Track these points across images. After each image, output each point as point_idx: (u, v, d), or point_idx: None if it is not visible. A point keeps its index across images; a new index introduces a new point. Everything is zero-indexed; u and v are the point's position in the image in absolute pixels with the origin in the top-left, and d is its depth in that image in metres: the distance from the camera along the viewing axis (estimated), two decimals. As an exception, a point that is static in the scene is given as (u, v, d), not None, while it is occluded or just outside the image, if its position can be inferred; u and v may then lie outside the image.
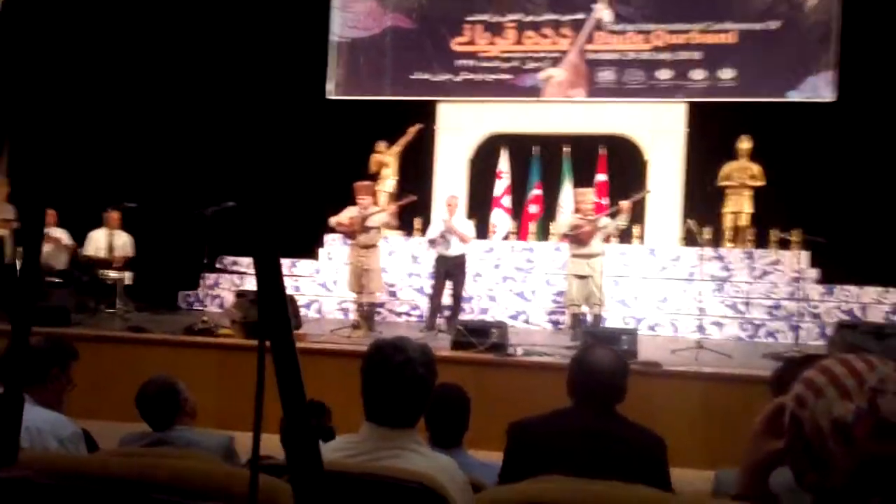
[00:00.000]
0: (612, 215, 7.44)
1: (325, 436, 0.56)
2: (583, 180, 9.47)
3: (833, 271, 8.79)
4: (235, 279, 9.43)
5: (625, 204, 7.26)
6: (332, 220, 7.46)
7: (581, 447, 2.04)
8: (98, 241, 8.54)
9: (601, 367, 2.21)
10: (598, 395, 2.20)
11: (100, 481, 1.43)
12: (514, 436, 2.21)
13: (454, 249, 7.54)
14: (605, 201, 9.47)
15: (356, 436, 1.78)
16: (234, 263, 9.84)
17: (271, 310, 0.61)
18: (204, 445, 2.68)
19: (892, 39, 9.14)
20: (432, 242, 7.69)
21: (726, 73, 9.81)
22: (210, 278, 9.37)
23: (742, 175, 9.34)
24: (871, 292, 8.53)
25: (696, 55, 9.88)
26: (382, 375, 1.74)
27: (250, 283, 9.25)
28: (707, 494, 2.20)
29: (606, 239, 7.63)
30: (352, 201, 7.57)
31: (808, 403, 0.98)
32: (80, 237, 8.61)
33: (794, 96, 9.67)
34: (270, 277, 0.60)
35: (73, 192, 9.18)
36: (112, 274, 8.30)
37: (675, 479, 3.61)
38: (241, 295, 6.29)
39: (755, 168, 9.31)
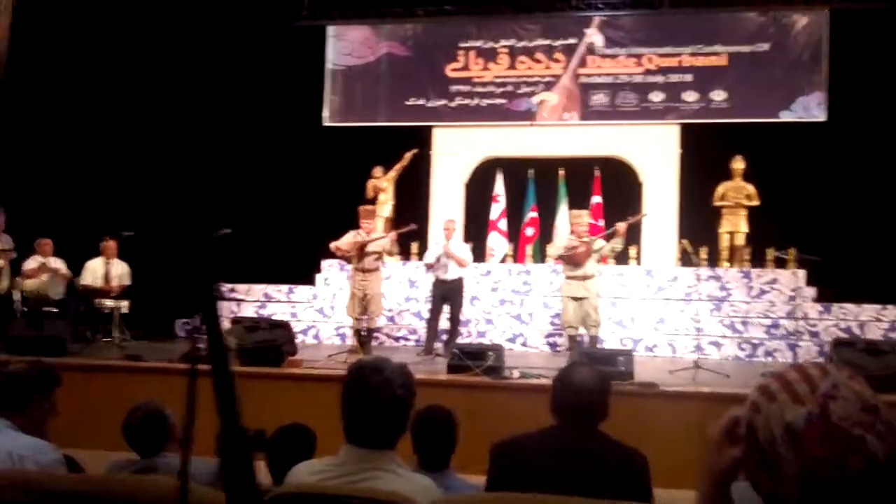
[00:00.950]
0: (608, 237, 7.45)
1: (261, 447, 0.58)
2: (578, 202, 9.51)
3: (829, 289, 8.79)
4: (233, 306, 9.43)
5: (621, 226, 7.26)
6: (333, 245, 7.47)
7: (564, 466, 2.04)
8: (95, 271, 8.56)
9: (583, 386, 2.21)
10: (581, 414, 2.19)
11: (78, 499, 1.43)
12: (498, 455, 2.21)
13: (451, 273, 7.55)
14: (601, 223, 9.51)
15: (335, 458, 1.78)
16: (232, 290, 9.86)
17: (209, 337, 0.63)
18: (194, 472, 2.67)
19: (880, 59, 9.24)
20: (430, 267, 7.71)
21: (718, 95, 9.90)
22: (207, 306, 9.35)
23: (737, 195, 9.39)
24: (868, 310, 8.52)
25: (688, 77, 9.99)
26: (361, 397, 1.75)
27: (247, 310, 9.26)
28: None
29: (601, 260, 7.64)
30: (350, 226, 7.60)
31: (762, 409, 0.98)
32: (77, 266, 8.62)
33: (786, 116, 9.75)
34: (208, 312, 0.62)
35: (69, 222, 9.24)
36: (109, 303, 8.31)
37: (672, 501, 3.58)
38: (236, 321, 6.29)
39: (750, 188, 9.37)
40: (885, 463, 0.91)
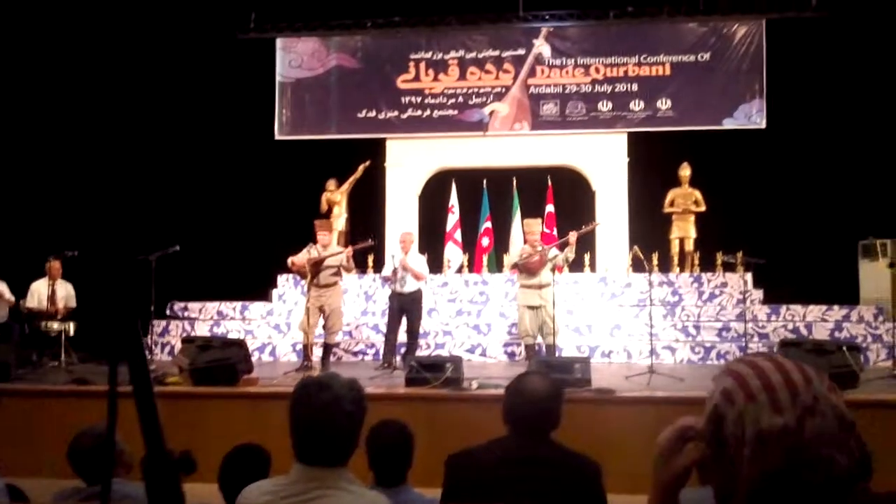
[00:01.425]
0: (562, 246, 7.51)
1: (186, 468, 0.56)
2: (532, 211, 9.60)
3: (775, 291, 9.04)
4: (186, 325, 9.24)
5: (573, 236, 7.33)
6: (289, 260, 7.37)
7: (517, 475, 2.04)
8: (40, 293, 8.31)
9: (535, 395, 2.22)
10: (533, 423, 2.20)
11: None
12: (452, 467, 2.20)
13: (409, 286, 7.52)
14: (555, 232, 9.62)
15: (286, 477, 1.75)
16: (185, 309, 9.66)
17: (130, 358, 0.61)
18: (140, 498, 2.59)
19: (814, 67, 9.58)
20: (387, 280, 7.67)
21: (663, 104, 10.14)
22: (159, 325, 9.16)
23: (685, 201, 9.61)
24: (815, 311, 8.77)
25: (634, 87, 10.21)
26: (309, 414, 1.72)
27: (200, 328, 9.08)
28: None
29: (556, 269, 7.70)
30: (305, 241, 7.52)
31: (737, 403, 0.95)
32: (20, 289, 8.36)
33: (728, 124, 10.03)
34: (130, 333, 0.60)
35: (10, 243, 8.97)
36: (55, 325, 8.06)
37: (628, 505, 3.61)
38: (188, 341, 6.15)
39: (697, 194, 9.61)
40: (844, 476, 0.90)
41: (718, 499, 0.98)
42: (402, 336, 7.67)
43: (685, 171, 9.65)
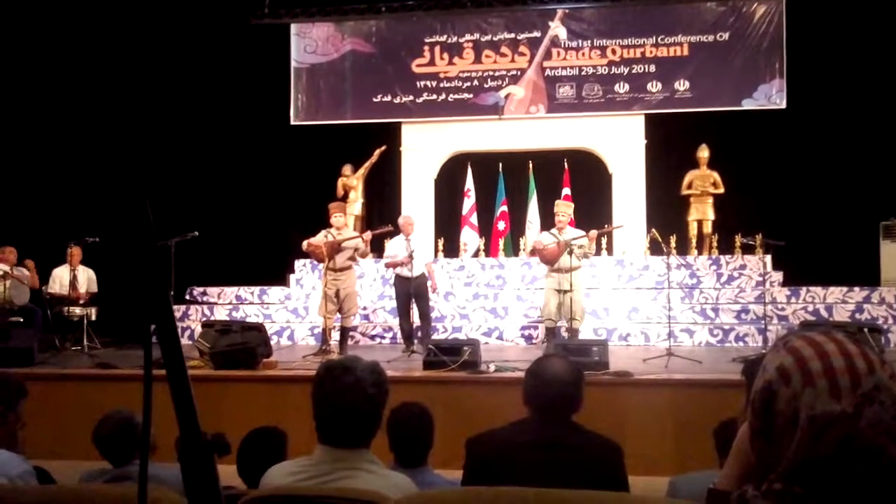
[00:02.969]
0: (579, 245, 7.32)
1: (220, 450, 0.57)
2: (549, 195, 9.56)
3: (794, 273, 8.96)
4: (205, 309, 9.33)
5: (593, 234, 7.29)
6: (305, 243, 7.40)
7: (538, 458, 2.05)
8: (62, 278, 8.42)
9: (556, 378, 2.22)
10: (554, 406, 2.21)
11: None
12: (472, 450, 2.21)
13: (417, 270, 7.51)
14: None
15: (310, 458, 1.77)
16: (204, 294, 9.76)
17: (163, 337, 0.62)
18: (165, 479, 2.64)
19: (835, 45, 9.42)
20: (395, 264, 7.59)
21: (681, 85, 10.01)
22: (179, 310, 9.25)
23: (704, 183, 9.52)
24: (835, 292, 8.69)
25: (651, 68, 10.08)
26: (332, 397, 1.74)
27: (219, 313, 9.17)
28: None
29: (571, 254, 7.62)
30: (321, 225, 7.54)
31: (793, 384, 0.92)
32: (43, 274, 8.47)
33: (748, 104, 9.88)
34: (163, 309, 0.61)
35: (34, 229, 9.08)
36: (77, 311, 8.17)
37: (647, 488, 3.62)
38: (207, 325, 6.22)
39: (715, 176, 9.51)
40: (893, 467, 0.88)
41: (758, 473, 0.97)
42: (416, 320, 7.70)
43: (703, 153, 9.56)
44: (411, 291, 7.51)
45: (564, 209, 7.50)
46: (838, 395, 0.89)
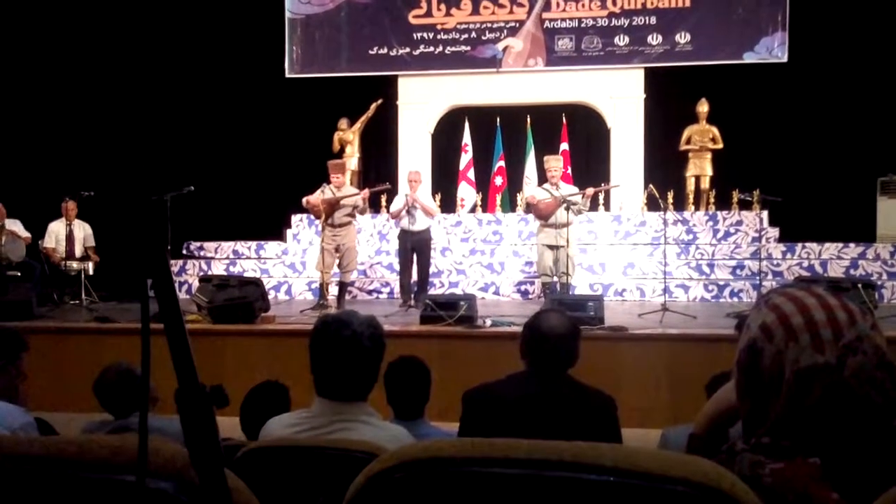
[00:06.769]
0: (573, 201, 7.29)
1: (219, 402, 0.58)
2: (546, 150, 9.50)
3: (791, 229, 8.98)
4: (202, 264, 9.34)
5: (589, 191, 7.29)
6: (304, 200, 7.37)
7: (534, 410, 2.08)
8: (58, 233, 8.40)
9: (552, 332, 2.24)
10: (550, 360, 2.23)
11: (53, 461, 1.42)
12: (469, 402, 2.25)
13: (419, 224, 7.52)
14: (569, 170, 9.54)
15: (308, 411, 1.80)
16: (201, 248, 9.76)
17: (160, 291, 0.62)
18: (166, 431, 2.67)
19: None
20: (395, 216, 7.66)
21: (682, 38, 9.85)
22: (176, 264, 9.26)
23: (702, 138, 9.46)
24: (831, 248, 8.71)
25: (652, 20, 9.91)
26: (330, 350, 1.76)
27: (216, 268, 9.18)
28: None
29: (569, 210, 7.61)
30: (318, 180, 7.50)
31: (776, 341, 0.93)
32: (37, 229, 8.45)
33: (749, 58, 9.75)
34: (159, 263, 0.60)
35: (26, 184, 9.02)
36: (74, 265, 8.18)
37: (641, 440, 3.68)
38: (205, 280, 6.23)
39: (714, 130, 9.44)
40: (876, 414, 0.90)
41: (746, 426, 0.98)
42: (415, 274, 7.72)
43: (703, 108, 9.47)
44: (411, 246, 7.52)
45: (555, 164, 7.47)
46: (821, 347, 0.90)
